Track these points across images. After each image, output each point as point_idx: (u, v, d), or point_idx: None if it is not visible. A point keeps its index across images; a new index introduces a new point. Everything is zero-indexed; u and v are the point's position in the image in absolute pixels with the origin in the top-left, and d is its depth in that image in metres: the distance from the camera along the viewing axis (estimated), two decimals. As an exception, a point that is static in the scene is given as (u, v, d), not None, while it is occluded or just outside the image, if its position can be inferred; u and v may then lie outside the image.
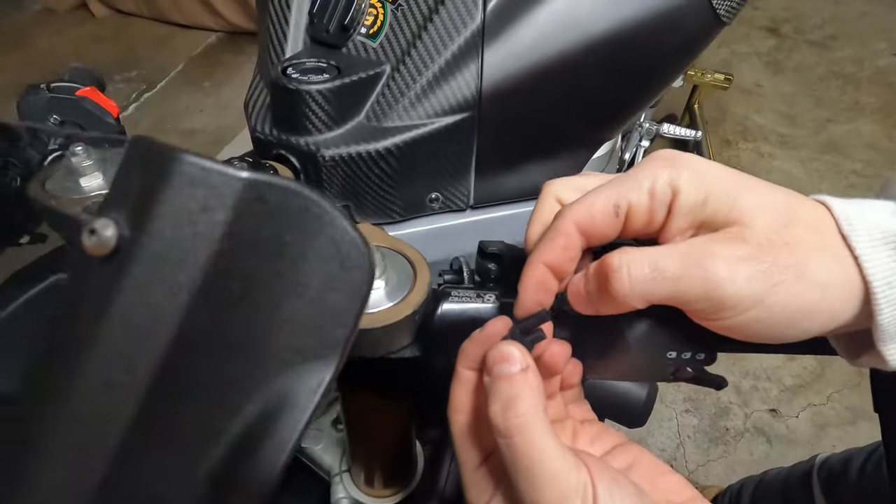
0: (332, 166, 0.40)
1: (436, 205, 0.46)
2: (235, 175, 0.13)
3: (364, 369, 0.33)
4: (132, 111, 2.45)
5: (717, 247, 0.23)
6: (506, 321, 0.27)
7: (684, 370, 0.28)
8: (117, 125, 0.51)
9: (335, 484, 0.49)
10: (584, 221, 0.25)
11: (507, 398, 0.23)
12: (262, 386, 0.13)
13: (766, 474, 0.94)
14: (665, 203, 0.24)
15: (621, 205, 0.24)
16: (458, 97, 0.41)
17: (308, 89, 0.38)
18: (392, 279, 0.32)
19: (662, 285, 0.23)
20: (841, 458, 0.73)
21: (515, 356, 0.24)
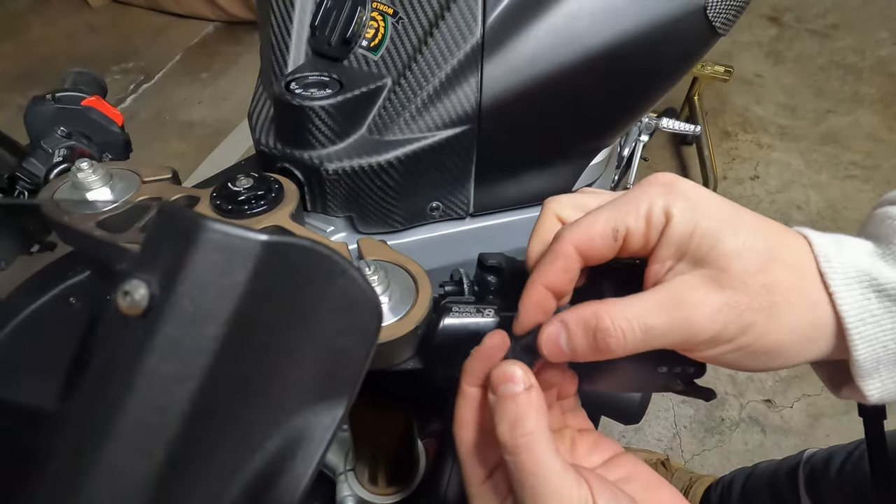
0: (335, 179, 0.41)
1: (436, 213, 0.47)
2: (255, 238, 0.14)
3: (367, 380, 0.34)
4: (130, 103, 2.44)
5: (697, 294, 0.24)
6: (502, 335, 0.28)
7: (674, 383, 0.29)
8: (122, 134, 0.52)
9: (340, 482, 0.50)
10: (583, 244, 0.26)
11: (513, 417, 0.24)
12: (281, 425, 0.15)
13: (756, 467, 0.96)
14: (659, 229, 0.25)
15: (619, 229, 0.25)
16: (459, 110, 0.42)
17: (312, 105, 0.39)
18: (395, 294, 0.33)
19: (651, 341, 0.24)
20: (823, 455, 0.75)
21: (519, 376, 0.25)
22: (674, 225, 0.25)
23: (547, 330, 0.26)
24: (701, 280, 0.24)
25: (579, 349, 0.25)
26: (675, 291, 0.24)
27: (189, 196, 0.39)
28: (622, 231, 0.25)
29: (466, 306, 0.33)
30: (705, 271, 0.24)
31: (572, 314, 0.26)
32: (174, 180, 0.42)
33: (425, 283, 0.33)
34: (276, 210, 0.38)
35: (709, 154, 1.72)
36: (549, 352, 0.26)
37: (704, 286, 0.24)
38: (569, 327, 0.25)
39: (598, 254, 0.26)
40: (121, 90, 2.50)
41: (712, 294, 0.24)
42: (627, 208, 0.26)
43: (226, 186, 0.37)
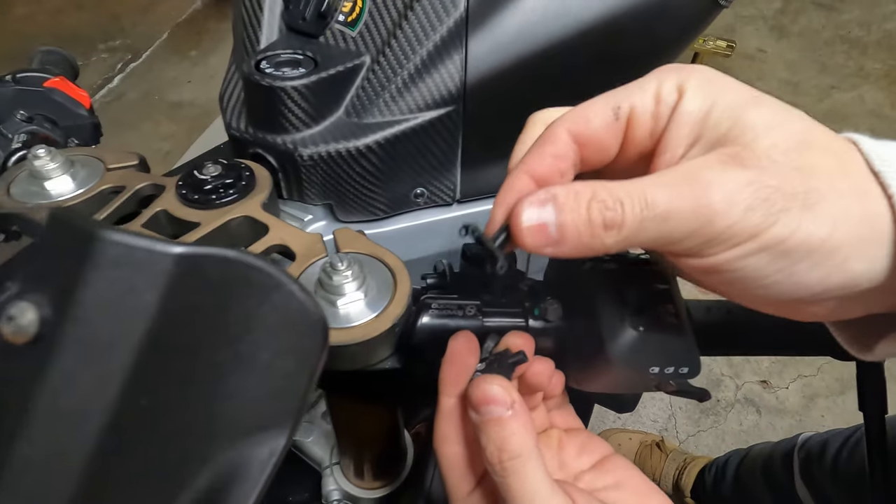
0: (311, 165, 0.39)
1: (421, 200, 0.44)
2: (164, 251, 0.12)
3: (344, 378, 0.32)
4: (118, 83, 2.38)
5: (712, 173, 0.19)
6: (467, 336, 0.26)
7: (666, 383, 0.28)
8: (90, 117, 0.49)
9: (326, 476, 0.49)
10: (578, 127, 0.21)
11: (499, 440, 0.23)
12: (210, 461, 0.13)
13: (751, 449, 0.96)
14: (670, 106, 0.20)
15: (622, 106, 0.21)
16: (443, 90, 0.39)
17: (283, 86, 0.36)
18: (371, 289, 0.31)
19: (655, 227, 0.19)
20: (819, 440, 0.74)
21: (500, 396, 0.23)
22: (687, 100, 0.20)
23: (528, 201, 0.20)
24: (718, 159, 0.19)
25: (569, 229, 0.19)
26: (686, 169, 0.19)
27: (155, 185, 0.37)
28: (625, 108, 0.21)
29: (448, 303, 0.31)
30: (725, 149, 0.19)
31: (561, 187, 0.20)
32: (141, 167, 0.40)
33: (404, 278, 0.31)
34: (246, 199, 0.35)
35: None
36: (530, 235, 0.20)
37: (722, 164, 0.19)
38: (558, 200, 0.19)
39: (598, 138, 0.21)
40: (108, 69, 2.44)
41: (732, 171, 0.19)
42: (633, 87, 0.21)
43: (191, 174, 0.35)
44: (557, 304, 0.30)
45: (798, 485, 0.76)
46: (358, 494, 0.47)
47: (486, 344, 0.28)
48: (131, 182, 0.37)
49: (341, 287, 0.29)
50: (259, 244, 0.33)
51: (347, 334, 0.28)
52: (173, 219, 0.34)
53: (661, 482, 1.16)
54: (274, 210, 0.37)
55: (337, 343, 0.28)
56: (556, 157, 0.22)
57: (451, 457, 0.27)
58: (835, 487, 0.68)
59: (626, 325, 0.27)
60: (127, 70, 2.45)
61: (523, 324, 0.31)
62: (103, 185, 0.38)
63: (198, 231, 0.33)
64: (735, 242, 0.19)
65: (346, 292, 0.30)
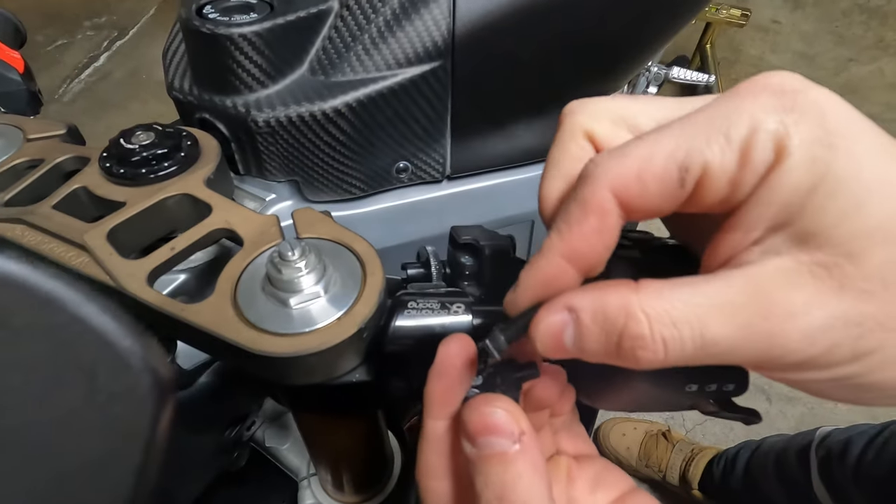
0: (268, 133, 0.32)
1: (404, 176, 0.38)
2: None
3: (305, 393, 0.26)
4: (104, 61, 2.29)
5: (797, 296, 0.14)
6: (462, 341, 0.20)
7: (706, 403, 0.22)
8: (23, 83, 0.43)
9: (303, 489, 0.44)
10: (629, 191, 0.16)
11: (500, 486, 0.17)
12: None
13: (763, 442, 0.91)
14: (759, 175, 0.15)
15: (692, 168, 0.15)
16: (427, 41, 0.32)
17: (230, 34, 0.30)
18: (334, 284, 0.25)
19: (706, 359, 0.15)
20: (841, 438, 0.69)
21: (505, 426, 0.18)
22: (788, 169, 0.14)
23: (547, 320, 0.17)
24: (808, 271, 0.15)
25: (591, 353, 0.17)
26: (760, 285, 0.15)
27: (78, 157, 0.31)
28: (695, 172, 0.15)
29: (428, 300, 0.25)
30: (818, 256, 0.15)
31: (588, 299, 0.16)
32: (68, 137, 0.33)
33: (375, 268, 0.25)
34: (187, 173, 0.29)
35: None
36: (544, 347, 0.17)
37: (812, 283, 0.15)
38: (581, 322, 0.16)
39: (651, 206, 0.16)
40: (93, 47, 2.35)
41: (823, 299, 0.15)
42: (710, 131, 0.15)
43: (117, 143, 0.28)
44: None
45: (815, 483, 0.71)
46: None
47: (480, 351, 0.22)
48: (51, 154, 0.31)
49: (293, 282, 0.23)
50: (198, 228, 0.27)
51: (301, 342, 0.23)
52: (95, 198, 0.28)
53: (668, 473, 1.12)
54: (223, 187, 0.31)
55: (287, 353, 0.22)
56: (600, 232, 0.17)
57: (437, 494, 0.21)
58: (858, 489, 0.63)
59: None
60: (113, 48, 2.36)
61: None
62: (19, 157, 0.31)
63: (122, 212, 0.27)
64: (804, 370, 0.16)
65: (300, 288, 0.24)
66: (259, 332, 0.23)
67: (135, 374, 0.09)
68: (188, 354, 0.32)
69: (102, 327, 0.08)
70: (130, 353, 0.09)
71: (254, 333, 0.23)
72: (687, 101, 0.18)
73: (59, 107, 2.08)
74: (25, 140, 0.33)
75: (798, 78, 0.15)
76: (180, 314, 0.23)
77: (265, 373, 0.25)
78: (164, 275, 0.26)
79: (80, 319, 0.08)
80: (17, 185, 0.29)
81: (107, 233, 0.26)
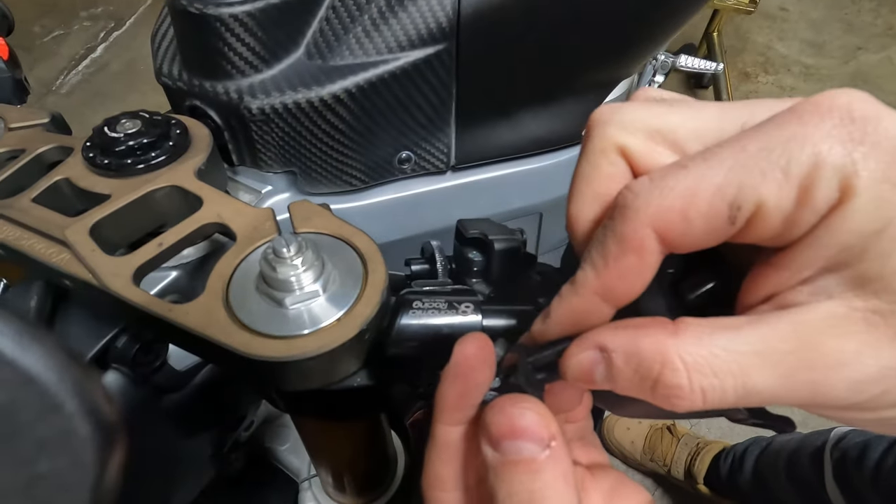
0: (263, 121, 0.30)
1: (407, 167, 0.36)
2: None
3: (303, 398, 0.25)
4: (101, 52, 2.27)
5: (847, 345, 0.13)
6: (481, 341, 0.18)
7: (735, 410, 0.20)
8: (7, 71, 0.41)
9: (303, 490, 0.43)
10: (672, 229, 0.14)
11: (528, 497, 0.15)
12: None
13: (773, 440, 0.90)
14: (819, 215, 0.13)
15: (744, 206, 0.14)
16: (430, 22, 0.30)
17: (221, 14, 0.28)
18: (333, 282, 0.23)
19: (747, 404, 0.14)
20: (858, 441, 0.67)
21: (535, 430, 0.16)
22: (854, 210, 0.13)
23: (577, 357, 0.16)
24: (862, 318, 0.13)
25: (624, 391, 0.16)
26: (808, 333, 0.14)
27: (61, 147, 0.29)
28: (748, 210, 0.14)
29: (434, 298, 0.23)
30: (875, 303, 0.13)
31: (620, 339, 0.15)
32: (51, 126, 0.32)
33: (378, 266, 0.24)
34: (176, 164, 0.27)
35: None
36: (574, 380, 0.17)
37: (866, 331, 0.13)
38: (613, 364, 0.15)
39: (695, 243, 0.15)
40: (90, 38, 2.32)
41: (877, 348, 0.13)
42: (766, 163, 0.13)
43: (101, 132, 0.27)
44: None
45: (829, 486, 0.69)
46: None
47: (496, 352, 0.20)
48: (33, 144, 0.29)
49: (289, 281, 0.22)
50: (188, 223, 0.25)
51: (298, 345, 0.21)
52: (78, 190, 0.26)
53: (673, 468, 1.11)
54: (215, 179, 0.29)
55: (282, 357, 0.21)
56: (639, 271, 0.15)
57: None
58: (876, 495, 0.61)
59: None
60: (110, 39, 2.34)
61: (536, 326, 0.23)
62: (1, 146, 0.30)
63: (106, 206, 0.25)
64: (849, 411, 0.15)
65: (296, 287, 0.22)
66: (252, 334, 0.21)
67: (67, 416, 0.07)
68: (181, 355, 0.30)
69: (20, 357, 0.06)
70: (60, 387, 0.07)
71: (246, 336, 0.21)
72: (729, 109, 0.16)
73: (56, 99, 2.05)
74: (6, 129, 0.31)
75: (869, 100, 0.13)
76: (167, 315, 0.22)
77: (259, 378, 0.23)
78: (151, 272, 0.25)
79: None
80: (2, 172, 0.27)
81: (90, 227, 0.24)
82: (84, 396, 0.07)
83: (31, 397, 0.07)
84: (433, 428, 0.20)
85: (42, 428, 0.07)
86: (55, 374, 0.07)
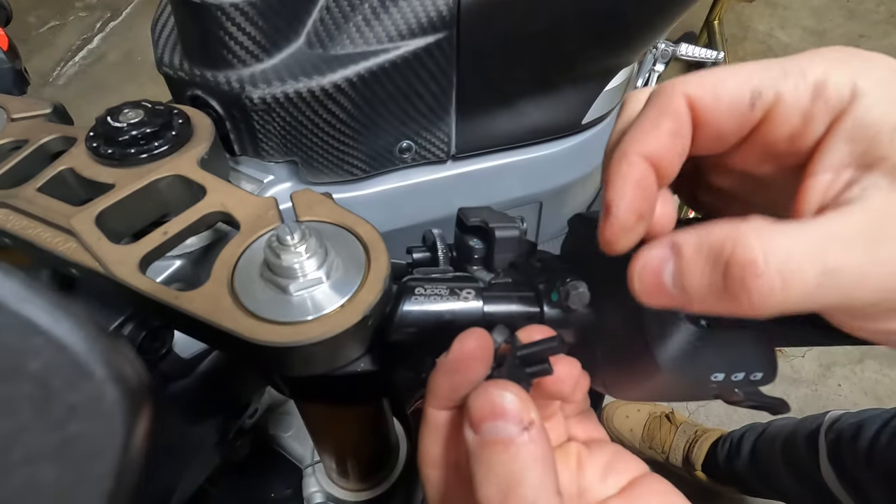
0: (264, 111, 0.30)
1: (408, 156, 0.36)
2: None
3: (308, 383, 0.25)
4: (97, 43, 2.25)
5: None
6: (480, 337, 0.19)
7: (731, 392, 0.21)
8: (9, 60, 0.41)
9: (307, 476, 0.43)
10: (704, 100, 0.16)
11: (505, 479, 0.16)
12: None
13: (770, 425, 0.91)
14: (835, 109, 0.15)
15: (765, 93, 0.16)
16: (430, 11, 0.30)
17: (221, 3, 0.28)
18: (336, 269, 0.23)
19: (829, 295, 0.14)
20: (853, 422, 0.68)
21: (513, 407, 0.16)
22: (867, 105, 0.15)
23: (647, 254, 0.16)
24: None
25: (695, 292, 0.15)
26: (879, 211, 0.14)
27: (64, 137, 0.29)
28: (768, 98, 0.16)
29: (436, 285, 0.24)
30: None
31: (691, 234, 0.15)
32: (53, 117, 0.32)
33: (380, 254, 0.24)
34: (178, 153, 0.27)
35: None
36: (642, 286, 0.17)
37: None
38: (682, 255, 0.15)
39: (719, 123, 0.16)
40: (86, 29, 2.30)
41: None
42: (787, 69, 0.16)
43: (104, 122, 0.27)
44: (582, 286, 0.23)
45: (824, 467, 0.70)
46: (342, 497, 0.42)
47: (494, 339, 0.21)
48: (36, 134, 0.29)
49: (293, 268, 0.22)
50: (192, 211, 0.25)
51: (302, 331, 0.21)
52: (82, 179, 0.27)
53: (671, 455, 1.12)
54: (218, 168, 0.29)
55: (287, 343, 0.21)
56: (675, 134, 0.17)
57: (434, 483, 0.20)
58: (869, 473, 0.62)
59: (682, 318, 0.19)
60: (107, 29, 2.32)
61: (537, 312, 0.23)
62: (2, 138, 0.30)
63: (111, 195, 0.25)
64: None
65: (300, 274, 0.22)
66: (257, 320, 0.21)
67: (97, 382, 0.07)
68: (186, 343, 0.31)
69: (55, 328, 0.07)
70: (90, 356, 0.07)
71: (252, 322, 0.21)
72: None
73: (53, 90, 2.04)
74: (9, 120, 0.31)
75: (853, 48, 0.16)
76: (174, 302, 0.22)
77: (264, 363, 0.24)
78: (157, 261, 0.25)
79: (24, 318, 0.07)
80: (7, 163, 0.28)
81: (95, 216, 0.24)
82: (113, 363, 0.08)
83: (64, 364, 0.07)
84: (425, 409, 0.20)
85: (73, 394, 0.07)
86: (86, 343, 0.07)
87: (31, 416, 0.07)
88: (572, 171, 0.43)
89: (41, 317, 0.07)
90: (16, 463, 0.07)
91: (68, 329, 0.07)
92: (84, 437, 0.07)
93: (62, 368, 0.07)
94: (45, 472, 0.07)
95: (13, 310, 0.07)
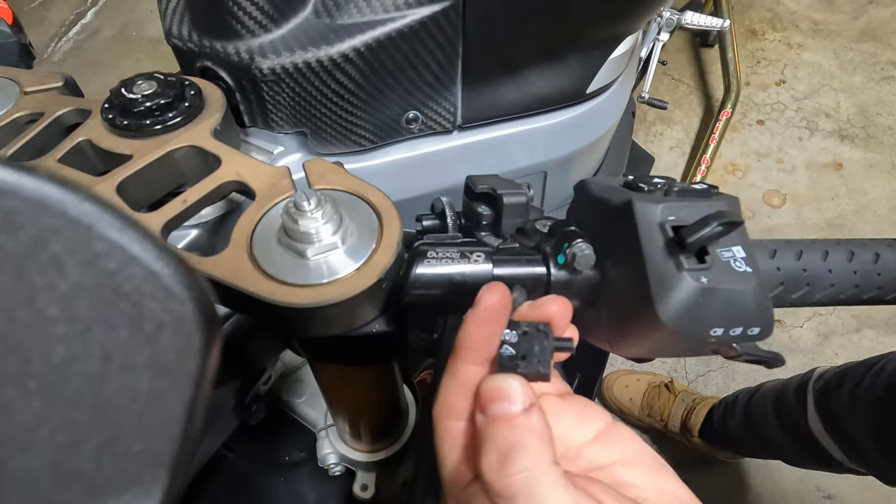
0: (273, 81, 0.31)
1: (415, 126, 0.37)
2: None
3: (323, 344, 0.27)
4: (91, 17, 2.20)
5: None
6: (501, 290, 0.20)
7: (730, 347, 0.22)
8: (13, 34, 0.41)
9: (321, 439, 0.45)
10: None
11: (504, 448, 0.18)
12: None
13: (762, 385, 0.93)
14: None
15: None
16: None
17: (228, -28, 0.28)
18: (351, 235, 0.24)
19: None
20: (838, 371, 0.70)
21: (517, 393, 0.19)
22: None
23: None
24: None
25: None
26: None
27: (79, 110, 0.30)
28: None
29: (447, 248, 0.24)
30: None
31: None
32: (66, 89, 0.32)
33: (392, 220, 0.25)
34: (192, 124, 0.28)
35: (733, 56, 1.54)
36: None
37: None
38: None
39: None
40: (79, 2, 2.25)
41: None
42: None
43: (119, 93, 0.27)
44: (588, 248, 0.23)
45: (811, 417, 0.72)
46: (355, 458, 0.44)
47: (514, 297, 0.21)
48: (51, 107, 0.30)
49: (310, 233, 0.23)
50: (209, 180, 0.26)
51: (321, 293, 0.22)
52: (100, 151, 0.27)
53: (670, 423, 1.15)
54: (230, 139, 0.30)
55: (307, 304, 0.22)
56: None
57: (453, 433, 0.21)
58: (853, 416, 0.64)
59: (684, 275, 0.20)
60: (100, 3, 2.27)
61: (544, 273, 0.24)
62: (18, 111, 0.30)
63: (129, 165, 0.26)
64: None
65: (317, 239, 0.23)
66: (278, 283, 0.22)
67: (181, 303, 0.08)
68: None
69: (145, 255, 0.08)
70: (176, 280, 0.08)
71: (273, 285, 0.22)
72: None
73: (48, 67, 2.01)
74: (22, 93, 0.32)
75: None
76: (197, 267, 0.23)
77: (284, 325, 0.25)
78: (175, 230, 0.26)
79: (121, 247, 0.08)
80: (18, 139, 0.28)
81: (116, 186, 0.25)
82: (193, 287, 0.08)
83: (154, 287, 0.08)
84: (453, 365, 0.21)
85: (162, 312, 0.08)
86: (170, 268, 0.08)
87: (128, 331, 0.08)
88: (577, 141, 0.43)
89: (134, 245, 0.08)
90: (115, 371, 0.08)
91: (156, 256, 0.08)
92: (170, 350, 0.08)
93: (152, 290, 0.08)
94: (139, 380, 0.08)
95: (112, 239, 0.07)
